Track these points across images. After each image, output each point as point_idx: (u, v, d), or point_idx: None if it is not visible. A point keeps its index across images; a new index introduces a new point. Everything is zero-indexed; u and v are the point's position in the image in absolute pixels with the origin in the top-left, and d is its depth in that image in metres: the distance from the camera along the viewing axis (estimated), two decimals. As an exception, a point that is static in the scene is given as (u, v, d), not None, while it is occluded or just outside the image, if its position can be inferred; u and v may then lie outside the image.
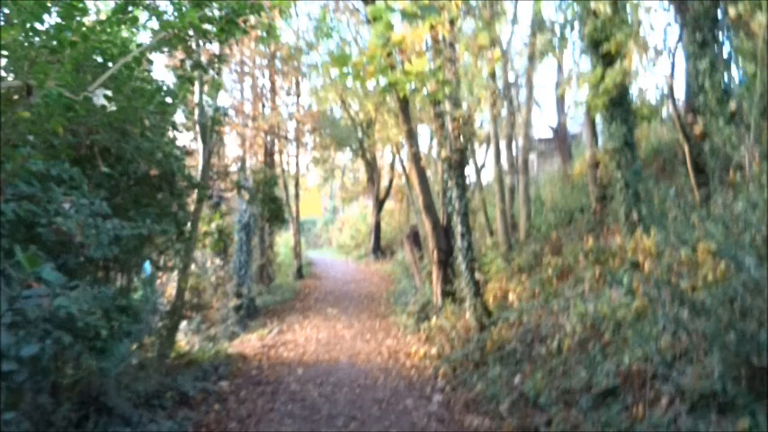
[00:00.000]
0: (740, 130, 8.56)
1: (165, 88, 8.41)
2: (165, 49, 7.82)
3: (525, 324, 10.46)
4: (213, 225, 17.57)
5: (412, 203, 23.49)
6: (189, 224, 11.63)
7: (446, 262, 14.79)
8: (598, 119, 19.59)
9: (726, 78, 8.99)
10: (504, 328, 10.51)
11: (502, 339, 10.19)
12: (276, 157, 25.87)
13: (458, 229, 11.75)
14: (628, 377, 6.88)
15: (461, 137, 11.51)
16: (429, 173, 20.36)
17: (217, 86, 11.76)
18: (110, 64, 6.63)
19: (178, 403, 8.73)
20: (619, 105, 13.60)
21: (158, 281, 18.38)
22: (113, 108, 6.30)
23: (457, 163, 11.63)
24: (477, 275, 11.84)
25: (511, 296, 12.65)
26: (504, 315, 11.42)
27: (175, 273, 12.09)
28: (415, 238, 18.72)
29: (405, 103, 14.80)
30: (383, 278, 25.61)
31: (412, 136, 14.56)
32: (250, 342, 15.00)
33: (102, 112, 6.23)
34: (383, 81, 7.95)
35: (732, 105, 8.51)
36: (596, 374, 7.37)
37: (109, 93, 5.90)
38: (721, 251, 7.66)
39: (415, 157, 14.71)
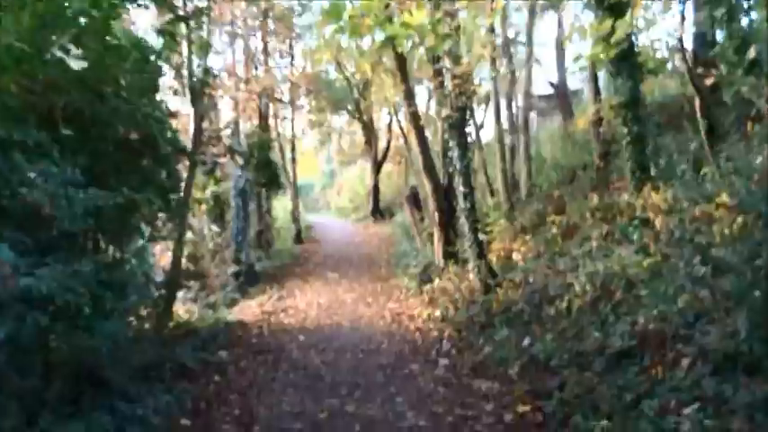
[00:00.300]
0: (761, 80, 8.07)
1: (144, 45, 7.86)
2: (145, 3, 7.28)
3: (532, 284, 10.13)
4: (208, 192, 17.14)
5: (411, 165, 23.05)
6: (181, 191, 11.17)
7: (448, 223, 14.42)
8: (601, 74, 19.10)
9: (745, 26, 8.46)
10: (510, 289, 10.18)
11: (508, 300, 9.87)
12: (271, 121, 25.32)
13: (460, 189, 11.33)
14: (645, 338, 6.54)
15: (462, 95, 11.00)
16: (428, 133, 19.85)
17: (205, 46, 11.17)
18: (81, 19, 6.11)
19: (177, 375, 8.41)
20: (625, 59, 13.03)
21: (152, 251, 18.10)
22: (83, 65, 5.74)
23: (457, 122, 11.14)
24: (481, 236, 11.47)
25: (515, 256, 12.32)
26: (509, 276, 11.09)
27: (170, 242, 11.63)
28: (415, 200, 18.32)
29: (402, 61, 14.25)
30: (383, 240, 25.27)
31: (410, 95, 14.04)
32: (250, 309, 14.71)
33: (62, 68, 5.67)
34: (380, 36, 7.42)
35: (752, 53, 8.01)
36: (610, 335, 7.03)
37: (77, 50, 5.39)
38: (743, 204, 7.28)
39: (414, 117, 14.21)
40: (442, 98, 11.31)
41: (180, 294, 17.91)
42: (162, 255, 19.01)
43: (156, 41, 9.45)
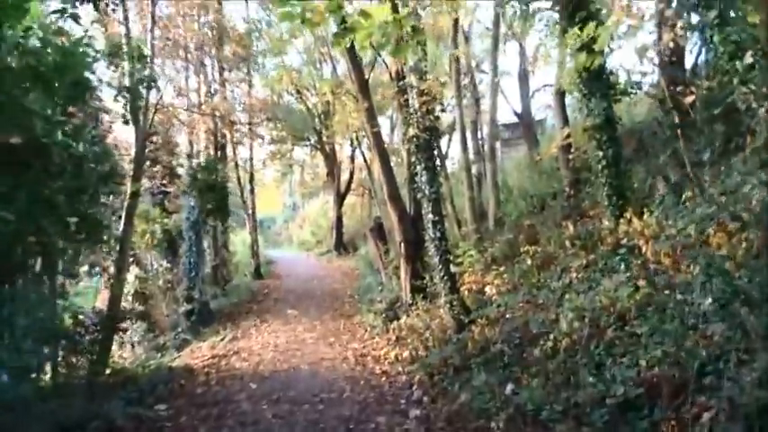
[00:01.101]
0: (760, 89, 7.30)
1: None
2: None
3: (510, 321, 9.09)
4: (156, 225, 15.81)
5: (374, 196, 22.07)
6: (105, 220, 9.91)
7: (415, 255, 13.39)
8: (568, 100, 18.53)
9: (737, 32, 7.72)
10: (486, 327, 9.11)
11: (485, 340, 8.80)
12: (229, 151, 24.15)
13: (428, 217, 10.32)
14: (653, 385, 5.53)
15: (429, 114, 10.07)
16: (393, 162, 18.91)
17: (137, 52, 10.03)
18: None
19: (103, 435, 7.11)
20: (598, 79, 12.39)
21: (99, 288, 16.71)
22: None
23: (425, 143, 10.19)
24: (453, 268, 10.44)
25: (489, 290, 11.32)
26: (483, 311, 10.04)
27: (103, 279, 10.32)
28: (380, 231, 17.27)
29: (364, 80, 13.32)
30: (346, 274, 24.09)
31: (373, 116, 13.09)
32: (200, 351, 13.36)
33: None
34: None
35: (748, 59, 7.25)
36: (609, 382, 6.01)
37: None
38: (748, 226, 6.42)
39: (377, 140, 13.26)
40: (407, 117, 10.36)
41: (125, 336, 16.56)
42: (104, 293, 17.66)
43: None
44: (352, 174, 31.65)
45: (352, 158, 31.35)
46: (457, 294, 10.17)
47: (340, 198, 31.00)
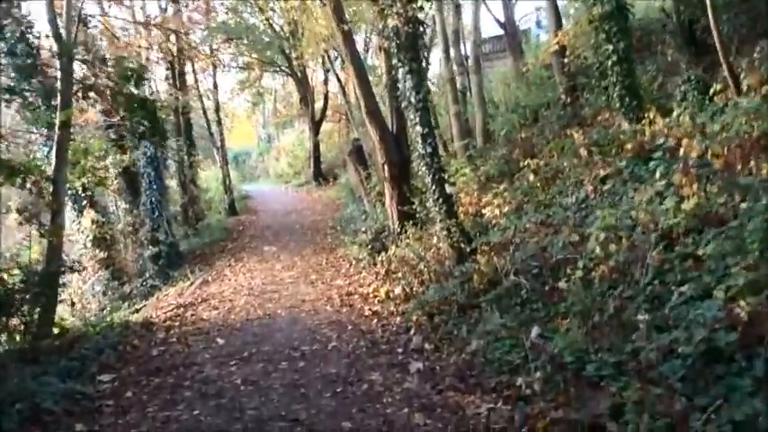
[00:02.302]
0: None
1: None
2: None
3: (522, 247, 7.52)
4: (107, 161, 13.84)
5: (352, 119, 20.09)
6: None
7: (400, 177, 11.70)
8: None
9: None
10: (494, 256, 7.51)
11: (494, 271, 7.23)
12: (191, 80, 21.89)
13: (416, 130, 8.54)
14: (742, 324, 3.99)
15: (412, 2, 8.13)
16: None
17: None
18: None
19: (27, 422, 5.53)
20: (605, -42, 10.49)
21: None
22: None
23: (409, 39, 8.27)
24: (448, 188, 8.77)
25: (488, 212, 9.71)
26: (486, 238, 8.45)
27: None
28: (359, 155, 15.46)
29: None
30: (327, 205, 22.43)
31: (341, 15, 11.02)
32: (167, 299, 11.75)
33: None
34: None
35: None
36: (677, 321, 4.48)
37: None
38: None
39: (349, 43, 11.26)
40: (384, 9, 8.39)
41: (85, 287, 14.91)
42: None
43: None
44: (326, 99, 29.44)
45: (326, 81, 29.09)
46: (455, 219, 8.53)
47: (315, 126, 28.91)
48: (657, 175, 6.88)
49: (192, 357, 7.21)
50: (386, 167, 11.69)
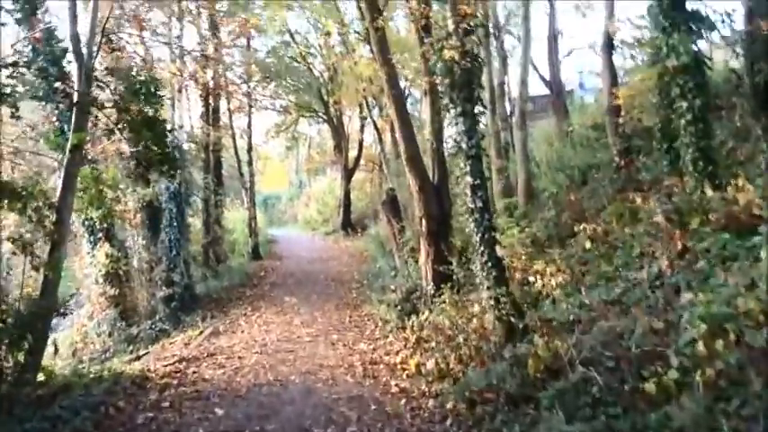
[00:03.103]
0: None
1: None
2: None
3: (589, 329, 6.18)
4: (128, 195, 12.91)
5: (387, 168, 19.06)
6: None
7: (439, 233, 10.52)
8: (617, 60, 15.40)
9: None
10: (553, 337, 6.17)
11: (554, 357, 5.86)
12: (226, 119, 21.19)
13: (466, 180, 7.35)
14: None
15: (470, 33, 7.05)
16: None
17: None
18: None
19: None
20: (679, 9, 9.42)
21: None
22: None
23: (464, 76, 7.17)
24: (499, 251, 7.51)
25: (538, 280, 8.37)
26: (541, 312, 7.13)
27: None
28: (393, 206, 14.32)
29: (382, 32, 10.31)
30: (354, 256, 21.23)
31: (390, 68, 10.07)
32: (172, 348, 10.56)
33: None
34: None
35: None
36: None
37: None
38: None
39: (393, 80, 10.23)
40: (435, 44, 7.29)
41: (90, 325, 13.79)
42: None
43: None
44: (360, 147, 28.69)
45: (362, 129, 28.35)
46: (505, 287, 7.22)
47: (348, 174, 28.05)
48: (764, 254, 5.54)
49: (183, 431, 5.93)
50: (423, 221, 10.53)
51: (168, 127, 12.94)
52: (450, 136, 7.68)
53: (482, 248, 7.27)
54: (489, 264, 7.23)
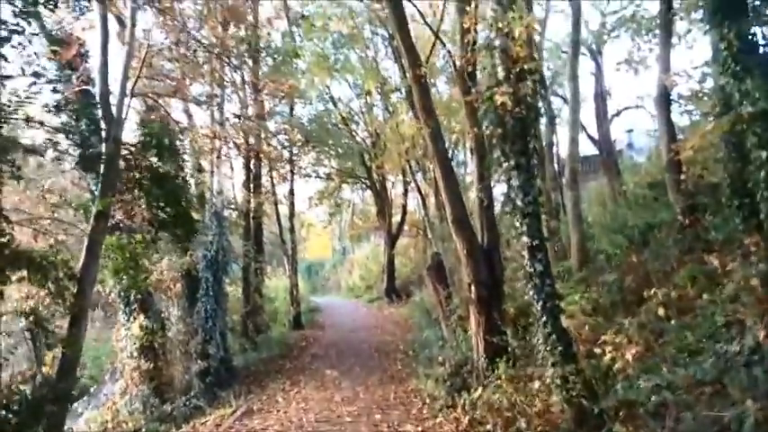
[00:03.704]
0: None
1: None
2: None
3: (681, 417, 5.11)
4: (160, 263, 12.42)
5: (431, 233, 18.26)
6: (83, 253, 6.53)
7: (490, 301, 9.56)
8: (676, 115, 14.53)
9: None
10: (639, 425, 5.11)
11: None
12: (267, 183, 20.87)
13: (523, 241, 6.47)
14: None
15: (524, 80, 6.34)
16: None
17: None
18: None
19: None
20: (754, 52, 8.58)
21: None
22: None
23: (518, 126, 6.42)
24: (565, 321, 6.54)
25: (607, 352, 7.29)
26: (619, 394, 6.05)
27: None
28: (439, 271, 13.38)
29: (425, 89, 9.76)
30: (398, 324, 20.22)
31: (431, 116, 9.45)
32: (202, 430, 9.71)
33: None
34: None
35: None
36: None
37: None
38: None
39: (437, 138, 9.55)
40: (481, 96, 6.57)
41: (121, 403, 13.09)
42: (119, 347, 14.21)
43: None
44: (404, 211, 28.09)
45: (405, 192, 27.80)
46: (574, 364, 6.20)
47: (391, 239, 27.36)
48: None
49: None
50: (473, 287, 9.60)
51: (207, 194, 12.60)
52: (503, 193, 6.88)
53: (544, 318, 6.32)
54: (553, 336, 6.25)
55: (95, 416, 12.84)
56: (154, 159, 7.59)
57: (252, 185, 17.93)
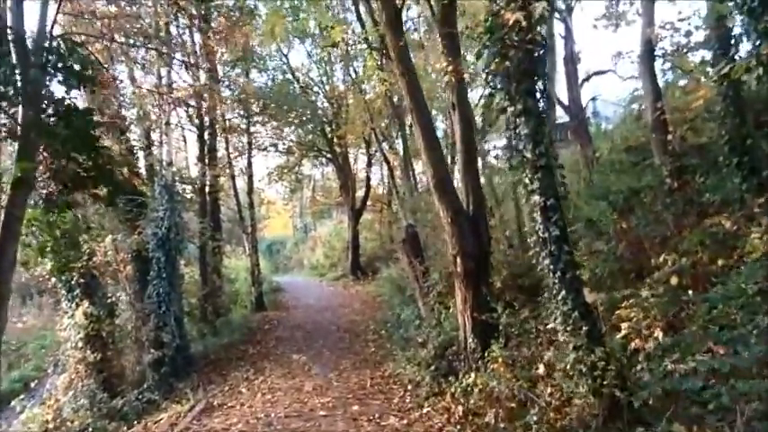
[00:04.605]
0: None
1: None
2: None
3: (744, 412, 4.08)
4: (107, 241, 10.97)
5: (401, 205, 17.08)
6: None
7: (478, 274, 8.46)
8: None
9: None
10: (693, 421, 4.06)
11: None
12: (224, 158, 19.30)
13: (533, 200, 5.30)
14: None
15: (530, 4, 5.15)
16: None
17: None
18: None
19: None
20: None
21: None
22: None
23: (526, 61, 5.19)
24: (589, 296, 5.45)
25: (630, 331, 6.25)
26: (655, 384, 5.00)
27: None
28: (414, 244, 12.25)
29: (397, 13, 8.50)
30: (367, 303, 19.09)
31: (408, 66, 8.21)
32: (155, 430, 8.43)
33: None
34: None
35: None
36: None
37: None
38: None
39: (414, 89, 8.30)
40: (487, 17, 5.36)
41: (64, 399, 11.63)
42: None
43: None
44: (368, 185, 26.86)
45: (369, 164, 26.56)
46: (602, 347, 5.11)
47: (355, 215, 26.09)
48: None
49: None
50: (458, 260, 8.48)
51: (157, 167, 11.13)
52: (503, 146, 5.71)
53: (563, 293, 5.21)
54: (576, 314, 5.16)
55: (36, 414, 11.33)
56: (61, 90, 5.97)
57: (207, 158, 16.38)
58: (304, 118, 20.53)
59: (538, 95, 5.37)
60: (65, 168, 5.50)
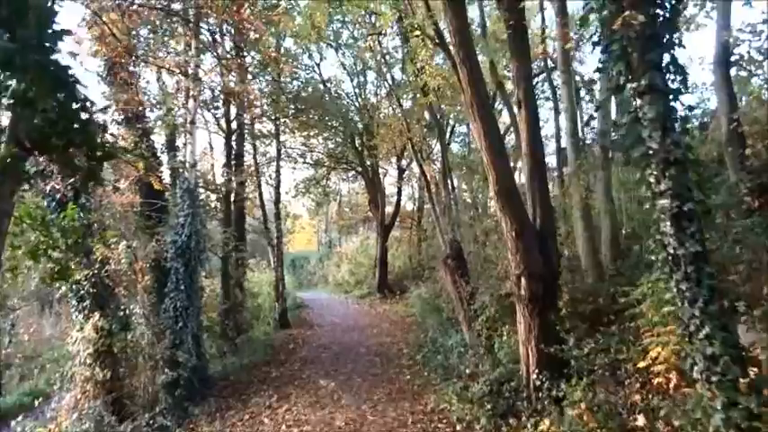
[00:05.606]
0: None
1: None
2: None
3: None
4: (122, 248, 9.82)
5: (437, 220, 15.71)
6: None
7: (545, 299, 7.12)
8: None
9: None
10: None
11: None
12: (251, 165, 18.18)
13: (661, 204, 3.95)
14: None
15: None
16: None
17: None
18: None
19: None
20: None
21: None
22: None
23: (652, 26, 3.97)
24: (744, 335, 4.07)
25: None
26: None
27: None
28: (460, 261, 10.91)
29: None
30: (396, 324, 17.70)
31: (471, 53, 6.98)
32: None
33: None
34: None
35: None
36: None
37: None
38: None
39: (477, 87, 7.05)
40: None
41: (66, 423, 10.41)
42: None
43: None
44: (399, 199, 25.64)
45: (400, 176, 25.34)
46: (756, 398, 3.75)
47: (384, 231, 24.80)
48: None
49: None
50: (522, 281, 7.16)
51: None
52: (620, 132, 4.38)
53: (706, 330, 3.86)
54: (724, 359, 3.80)
55: (38, 433, 10.15)
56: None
57: (233, 164, 15.26)
58: (336, 123, 19.35)
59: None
60: (39, 130, 4.05)
